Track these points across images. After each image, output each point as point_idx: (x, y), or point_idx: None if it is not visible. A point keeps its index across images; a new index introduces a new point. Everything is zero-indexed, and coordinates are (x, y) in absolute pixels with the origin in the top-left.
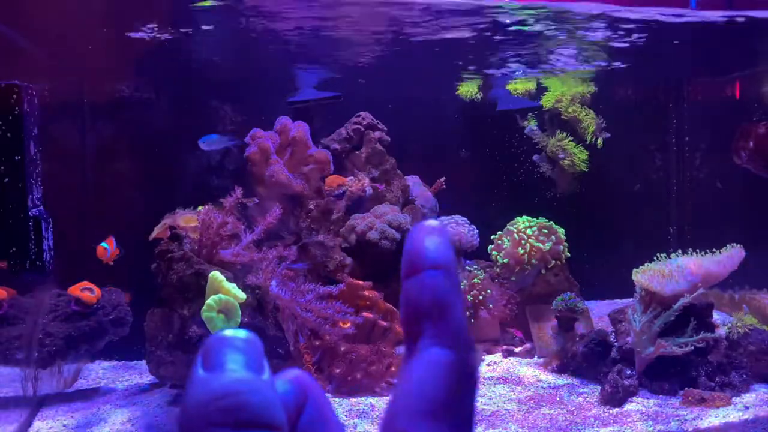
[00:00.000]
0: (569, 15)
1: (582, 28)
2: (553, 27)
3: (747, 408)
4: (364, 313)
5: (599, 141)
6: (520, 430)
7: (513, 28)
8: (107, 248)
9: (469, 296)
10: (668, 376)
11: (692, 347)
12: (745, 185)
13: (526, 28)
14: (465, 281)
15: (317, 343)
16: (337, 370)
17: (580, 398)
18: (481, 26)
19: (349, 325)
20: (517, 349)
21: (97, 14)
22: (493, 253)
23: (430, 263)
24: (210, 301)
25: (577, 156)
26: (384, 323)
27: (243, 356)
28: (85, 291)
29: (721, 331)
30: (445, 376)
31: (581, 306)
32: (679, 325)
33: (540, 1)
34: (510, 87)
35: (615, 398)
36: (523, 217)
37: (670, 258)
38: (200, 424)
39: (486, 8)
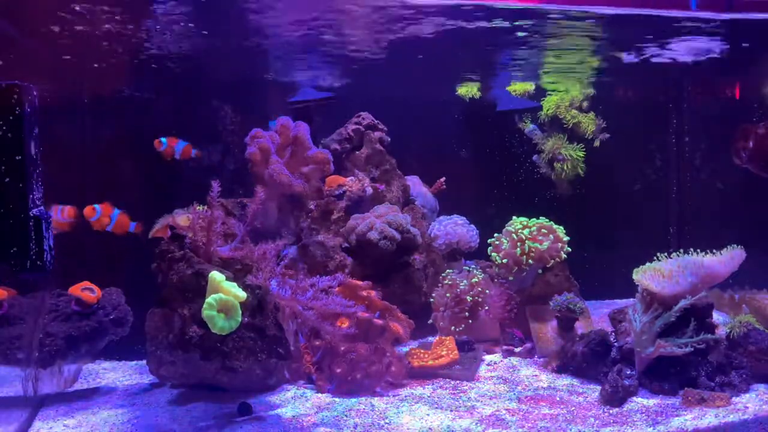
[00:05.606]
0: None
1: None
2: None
3: (747, 408)
4: (360, 312)
5: (596, 142)
6: (520, 430)
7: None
8: (96, 209)
9: (468, 296)
10: (668, 376)
11: (692, 348)
12: (745, 185)
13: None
14: (465, 281)
15: (317, 342)
16: (338, 370)
17: (580, 398)
18: None
19: (348, 324)
20: (517, 349)
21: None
22: (492, 254)
23: None
24: (210, 299)
25: (575, 160)
26: (379, 321)
27: None
28: (86, 291)
29: (721, 331)
30: None
31: (581, 306)
32: (679, 325)
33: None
34: (509, 88)
35: (615, 398)
36: (521, 217)
37: (670, 258)
38: None
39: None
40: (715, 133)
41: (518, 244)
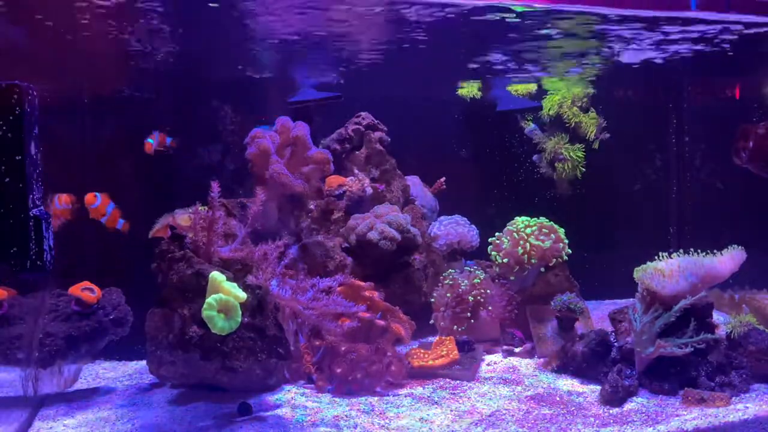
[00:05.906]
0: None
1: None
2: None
3: (747, 408)
4: (362, 313)
5: (596, 144)
6: (520, 430)
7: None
8: (97, 197)
9: (469, 296)
10: (668, 376)
11: (692, 348)
12: (745, 185)
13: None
14: (465, 281)
15: (317, 342)
16: (338, 370)
17: (580, 398)
18: None
19: (348, 321)
20: (517, 349)
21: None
22: (492, 253)
23: None
24: (210, 299)
25: (575, 161)
26: (381, 322)
27: None
28: (86, 291)
29: (721, 331)
30: None
31: (581, 306)
32: (680, 325)
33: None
34: (510, 88)
35: (615, 398)
36: (523, 217)
37: (670, 258)
38: None
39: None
40: (715, 133)
41: (520, 243)
